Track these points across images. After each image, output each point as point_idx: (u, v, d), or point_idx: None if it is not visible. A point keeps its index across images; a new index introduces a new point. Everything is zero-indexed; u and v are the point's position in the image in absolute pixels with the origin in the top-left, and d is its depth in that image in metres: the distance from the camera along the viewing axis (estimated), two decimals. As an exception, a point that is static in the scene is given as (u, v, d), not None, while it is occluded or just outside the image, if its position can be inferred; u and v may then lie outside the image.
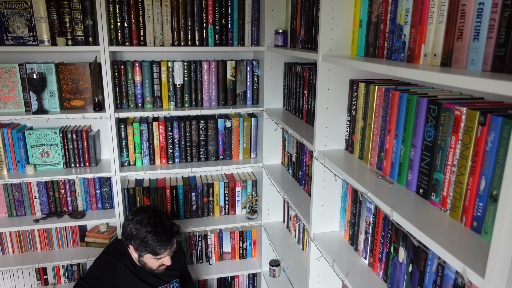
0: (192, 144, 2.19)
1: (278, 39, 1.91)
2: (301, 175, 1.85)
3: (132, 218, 1.64)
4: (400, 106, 1.07)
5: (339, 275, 1.27)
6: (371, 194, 1.03)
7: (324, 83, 1.35)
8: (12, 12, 1.84)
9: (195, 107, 2.15)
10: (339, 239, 1.46)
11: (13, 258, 2.21)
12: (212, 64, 2.12)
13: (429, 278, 0.95)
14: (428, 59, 0.94)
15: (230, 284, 2.54)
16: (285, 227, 2.24)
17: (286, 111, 2.04)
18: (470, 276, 0.69)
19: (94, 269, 1.62)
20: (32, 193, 2.14)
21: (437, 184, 0.95)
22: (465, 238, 0.81)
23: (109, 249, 1.75)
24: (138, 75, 2.06)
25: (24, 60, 2.06)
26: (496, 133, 0.76)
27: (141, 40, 1.98)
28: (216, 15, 2.03)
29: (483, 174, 0.80)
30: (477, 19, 0.79)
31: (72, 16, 1.89)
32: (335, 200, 1.48)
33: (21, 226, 2.05)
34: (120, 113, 1.99)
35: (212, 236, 2.40)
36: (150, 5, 1.95)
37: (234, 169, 2.43)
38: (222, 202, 2.34)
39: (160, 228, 1.61)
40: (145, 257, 1.64)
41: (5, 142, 1.99)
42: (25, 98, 1.97)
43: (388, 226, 1.14)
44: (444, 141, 0.91)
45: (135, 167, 2.13)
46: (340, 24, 1.31)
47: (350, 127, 1.37)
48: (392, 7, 1.08)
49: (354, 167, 1.24)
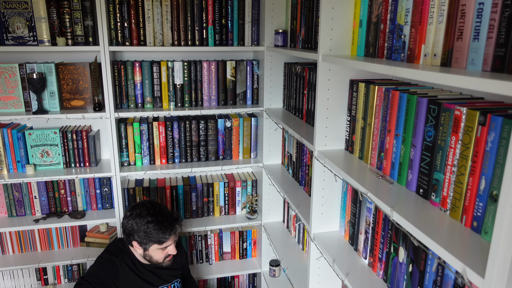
0: (192, 144, 2.19)
1: (278, 39, 1.91)
2: (301, 175, 1.85)
3: (131, 213, 1.64)
4: (400, 106, 1.07)
5: (339, 275, 1.27)
6: (371, 194, 1.03)
7: (324, 83, 1.35)
8: (12, 12, 1.84)
9: (195, 107, 2.15)
10: (339, 239, 1.46)
11: (13, 258, 2.21)
12: (212, 64, 2.12)
13: (429, 278, 0.95)
14: (428, 59, 0.94)
15: (230, 284, 2.54)
16: (285, 227, 2.24)
17: (286, 111, 2.04)
18: (470, 276, 0.69)
19: (94, 268, 1.62)
20: (32, 193, 2.14)
21: (437, 184, 0.95)
22: (465, 238, 0.81)
23: (110, 248, 1.75)
24: (138, 75, 2.06)
25: (24, 60, 2.06)
26: (496, 133, 0.76)
27: (141, 40, 1.98)
28: (216, 15, 2.03)
29: (483, 174, 0.80)
30: (477, 19, 0.79)
31: (72, 16, 1.89)
32: (335, 200, 1.48)
33: (21, 226, 2.05)
34: (120, 113, 1.99)
35: (212, 236, 2.40)
36: (150, 5, 1.95)
37: (234, 169, 2.43)
38: (222, 202, 2.34)
39: (160, 216, 1.62)
40: (151, 249, 1.64)
41: (5, 142, 1.99)
42: (25, 98, 1.97)
43: (388, 226, 1.14)
44: (444, 141, 0.91)
45: (135, 167, 2.13)
46: (340, 24, 1.31)
47: (350, 127, 1.37)
48: (392, 7, 1.08)
49: (354, 167, 1.24)
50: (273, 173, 2.05)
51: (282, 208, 2.29)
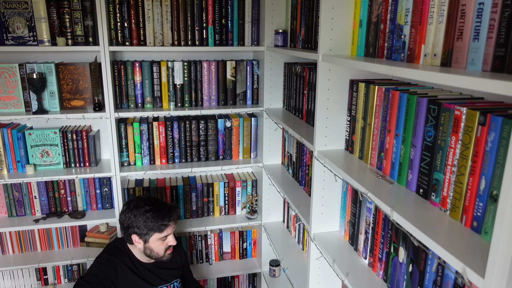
0: (192, 144, 2.19)
1: (278, 39, 1.91)
2: (301, 175, 1.85)
3: (128, 207, 1.65)
4: (400, 106, 1.07)
5: (339, 275, 1.27)
6: (371, 194, 1.03)
7: (324, 83, 1.35)
8: (12, 12, 1.84)
9: (195, 107, 2.15)
10: (339, 239, 1.46)
11: (13, 258, 2.21)
12: (212, 64, 2.12)
13: (429, 278, 0.95)
14: (428, 59, 0.94)
15: (230, 284, 2.54)
16: (285, 227, 2.24)
17: (286, 111, 2.04)
18: (470, 276, 0.69)
19: (94, 268, 1.62)
20: (32, 193, 2.14)
21: (437, 184, 0.95)
22: (465, 238, 0.81)
23: (108, 248, 1.75)
24: (138, 75, 2.06)
25: (24, 60, 2.06)
26: (496, 133, 0.76)
27: (141, 40, 1.98)
28: (216, 15, 2.03)
29: (483, 174, 0.80)
30: (477, 19, 0.79)
31: (72, 16, 1.89)
32: (335, 200, 1.48)
33: (21, 226, 2.05)
34: (120, 113, 1.99)
35: (212, 236, 2.40)
36: (150, 5, 1.95)
37: (234, 169, 2.43)
38: (222, 202, 2.34)
39: (158, 205, 1.64)
40: (151, 240, 1.63)
41: (5, 142, 1.99)
42: (25, 98, 1.97)
43: (388, 226, 1.14)
44: (444, 141, 0.91)
45: (135, 167, 2.13)
46: (340, 24, 1.31)
47: (350, 127, 1.37)
48: (392, 7, 1.08)
49: (354, 167, 1.24)
50: (273, 173, 2.05)
51: (282, 208, 2.29)
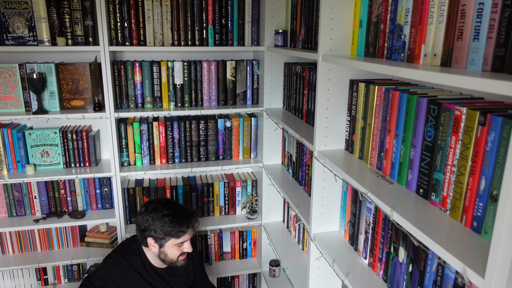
0: (192, 144, 2.19)
1: (278, 39, 1.91)
2: (301, 175, 1.85)
3: (146, 208, 1.61)
4: (400, 106, 1.07)
5: (339, 275, 1.27)
6: (371, 194, 1.03)
7: (324, 83, 1.35)
8: (12, 12, 1.84)
9: (195, 107, 2.15)
10: (339, 239, 1.46)
11: (13, 258, 2.21)
12: (212, 64, 2.12)
13: (429, 278, 0.95)
14: (428, 59, 0.94)
15: (230, 284, 2.54)
16: (285, 227, 2.24)
17: (286, 111, 2.04)
18: (470, 276, 0.69)
19: (102, 270, 1.59)
20: (32, 193, 2.14)
21: (437, 184, 0.95)
22: (465, 238, 0.81)
23: (121, 247, 1.70)
24: (138, 75, 2.06)
25: (24, 60, 2.06)
26: (496, 133, 0.76)
27: (141, 40, 1.98)
28: (216, 15, 2.03)
29: (483, 174, 0.80)
30: (477, 19, 0.79)
31: (72, 16, 1.89)
32: (335, 200, 1.48)
33: (21, 226, 2.05)
34: (120, 113, 1.99)
35: (212, 236, 2.40)
36: (150, 5, 1.95)
37: (234, 169, 2.43)
38: (222, 202, 2.34)
39: (177, 210, 1.60)
40: (167, 245, 1.58)
41: (5, 142, 1.99)
42: (25, 98, 1.97)
43: (388, 226, 1.14)
44: (444, 141, 0.91)
45: (135, 167, 2.13)
46: (340, 24, 1.31)
47: (350, 127, 1.37)
48: (392, 7, 1.08)
49: (354, 167, 1.24)
50: (273, 173, 2.05)
51: (282, 208, 2.28)
